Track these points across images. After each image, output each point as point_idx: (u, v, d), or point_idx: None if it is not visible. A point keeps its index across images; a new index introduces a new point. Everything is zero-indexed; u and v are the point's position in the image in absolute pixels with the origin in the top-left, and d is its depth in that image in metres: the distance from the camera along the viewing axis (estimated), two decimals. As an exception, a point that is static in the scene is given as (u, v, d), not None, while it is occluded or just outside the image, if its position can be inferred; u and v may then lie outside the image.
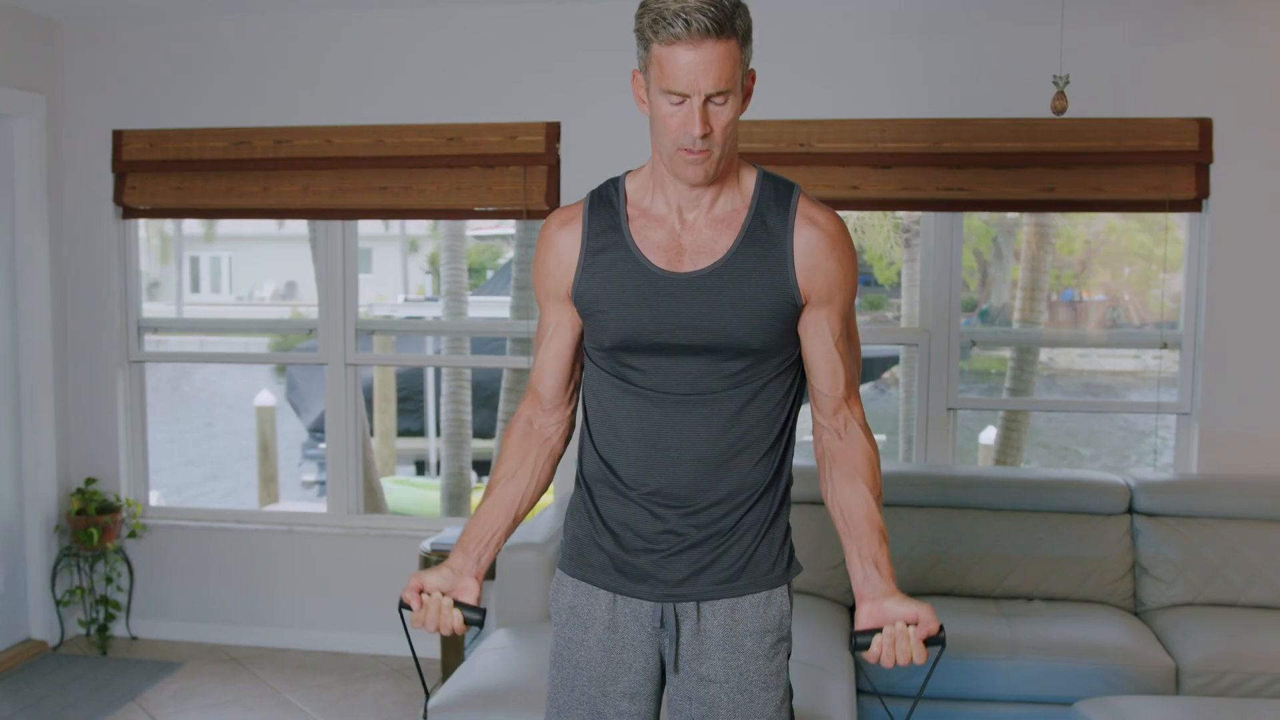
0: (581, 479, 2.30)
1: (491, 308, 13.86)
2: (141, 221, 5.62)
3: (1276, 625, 4.09)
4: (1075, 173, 4.76)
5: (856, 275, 2.19)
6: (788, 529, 2.27)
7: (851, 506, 2.17)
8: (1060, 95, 3.45)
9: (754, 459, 2.18)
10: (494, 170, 5.12)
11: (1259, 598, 4.30)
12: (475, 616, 2.17)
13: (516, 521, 2.28)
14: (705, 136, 2.01)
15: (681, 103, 2.01)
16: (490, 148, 5.09)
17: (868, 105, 4.88)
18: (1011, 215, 9.80)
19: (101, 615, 5.41)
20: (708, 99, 2.00)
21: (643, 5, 2.02)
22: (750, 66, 2.07)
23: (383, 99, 5.19)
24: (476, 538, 2.24)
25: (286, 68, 5.26)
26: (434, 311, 15.91)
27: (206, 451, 15.38)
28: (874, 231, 9.84)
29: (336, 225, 5.37)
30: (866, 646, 2.07)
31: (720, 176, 2.12)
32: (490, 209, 5.16)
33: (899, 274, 10.22)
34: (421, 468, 13.65)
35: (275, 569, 5.42)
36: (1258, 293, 4.73)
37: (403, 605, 2.20)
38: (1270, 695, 3.80)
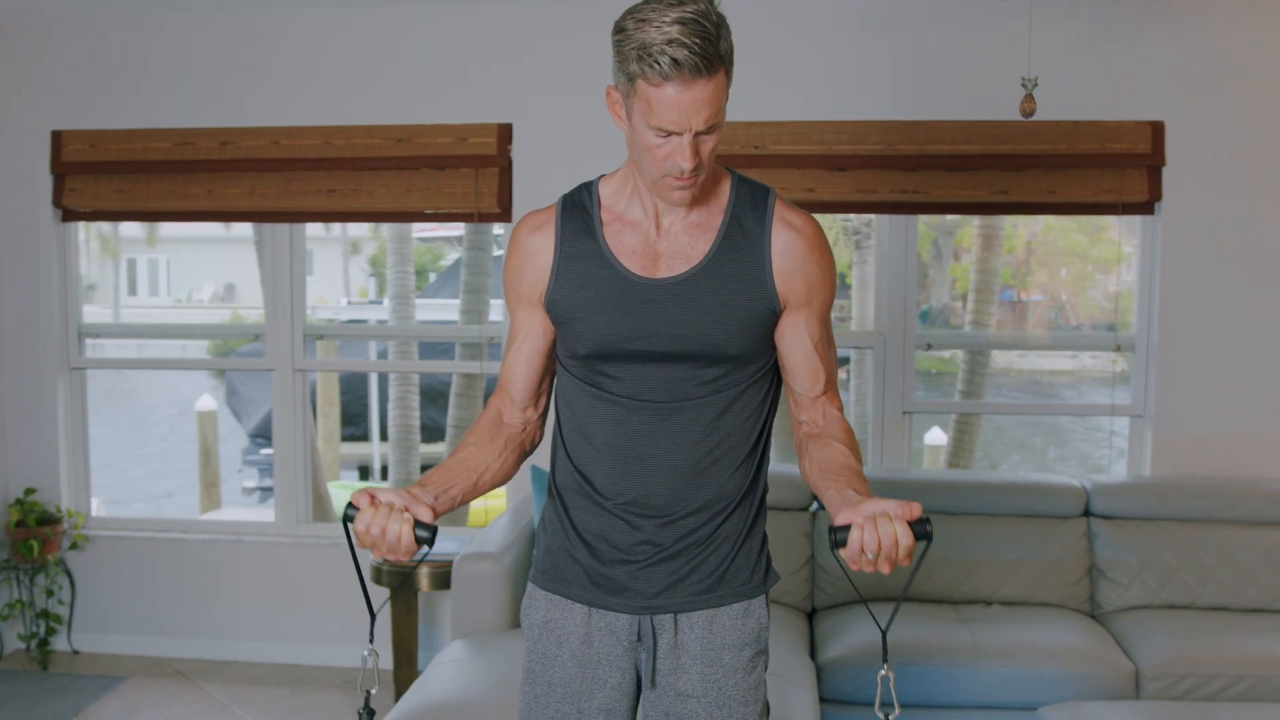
0: (554, 490, 2.23)
1: (437, 310, 13.74)
2: (81, 224, 5.47)
3: (1232, 627, 4.11)
4: (1029, 175, 4.76)
5: (835, 278, 2.15)
6: (764, 538, 2.23)
7: (828, 460, 2.08)
8: (1029, 98, 3.43)
9: (731, 467, 2.14)
10: (444, 172, 5.04)
11: (1214, 599, 4.32)
12: (425, 534, 1.97)
13: (476, 490, 2.15)
14: (695, 167, 1.97)
15: (669, 136, 1.95)
16: (440, 149, 5.01)
17: (823, 108, 4.86)
18: (952, 216, 9.83)
19: (42, 629, 5.27)
20: (697, 133, 1.94)
21: (621, 30, 1.92)
22: None
23: (331, 99, 5.09)
24: (435, 482, 2.09)
25: (232, 67, 5.15)
26: (377, 314, 15.74)
27: (178, 460, 15.13)
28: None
29: (284, 228, 5.27)
30: (844, 542, 1.87)
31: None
32: (441, 212, 5.08)
33: (840, 276, 10.24)
34: (365, 473, 13.50)
35: (221, 579, 5.31)
36: (1208, 295, 4.76)
37: (347, 517, 1.98)
38: (1228, 698, 3.81)
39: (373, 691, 2.13)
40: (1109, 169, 4.74)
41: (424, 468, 7.71)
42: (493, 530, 4.42)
